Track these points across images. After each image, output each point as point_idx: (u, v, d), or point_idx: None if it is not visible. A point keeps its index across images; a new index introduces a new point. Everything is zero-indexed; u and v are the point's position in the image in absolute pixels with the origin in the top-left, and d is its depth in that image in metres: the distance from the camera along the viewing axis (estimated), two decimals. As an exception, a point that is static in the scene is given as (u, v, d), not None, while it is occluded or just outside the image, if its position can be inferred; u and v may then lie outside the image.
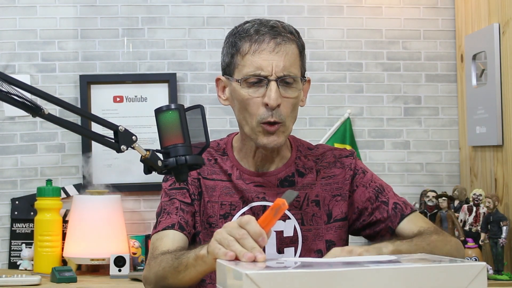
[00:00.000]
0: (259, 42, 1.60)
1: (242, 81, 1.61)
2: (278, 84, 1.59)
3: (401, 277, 1.07)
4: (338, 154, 1.76)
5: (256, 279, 1.02)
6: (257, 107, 1.61)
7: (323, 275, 1.05)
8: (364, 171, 1.74)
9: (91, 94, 3.05)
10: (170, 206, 1.68)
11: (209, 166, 1.72)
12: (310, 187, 1.71)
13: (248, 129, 1.64)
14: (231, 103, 1.69)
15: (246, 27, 1.64)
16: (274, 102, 1.58)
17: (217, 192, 1.70)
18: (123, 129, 1.30)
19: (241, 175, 1.70)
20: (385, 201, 1.70)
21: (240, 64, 1.62)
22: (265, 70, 1.59)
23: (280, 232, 1.67)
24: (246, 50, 1.61)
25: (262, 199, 1.68)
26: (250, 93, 1.61)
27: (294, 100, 1.63)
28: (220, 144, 1.76)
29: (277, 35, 1.61)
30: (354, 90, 3.17)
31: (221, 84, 1.71)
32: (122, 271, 2.72)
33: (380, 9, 3.18)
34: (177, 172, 1.36)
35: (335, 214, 1.71)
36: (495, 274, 2.63)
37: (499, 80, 2.77)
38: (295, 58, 1.63)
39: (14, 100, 1.22)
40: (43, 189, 2.84)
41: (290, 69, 1.61)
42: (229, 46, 1.66)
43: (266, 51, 1.59)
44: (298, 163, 1.73)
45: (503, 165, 2.77)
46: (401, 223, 1.67)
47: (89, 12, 3.08)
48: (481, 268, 1.10)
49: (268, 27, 1.62)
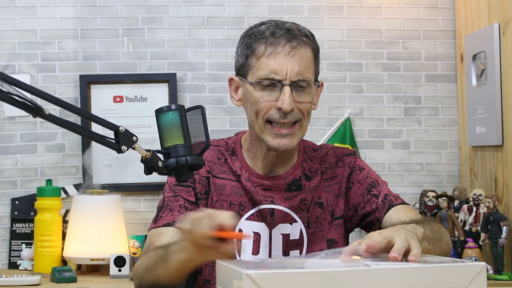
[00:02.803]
0: (275, 45, 1.59)
1: (255, 83, 1.61)
2: (292, 88, 1.59)
3: (401, 277, 1.07)
4: (340, 153, 1.76)
5: (256, 279, 1.02)
6: (267, 109, 1.60)
7: (324, 275, 1.05)
8: (361, 168, 1.74)
9: (91, 94, 3.05)
10: (173, 203, 1.67)
11: (219, 165, 1.71)
12: (315, 190, 1.71)
13: (257, 129, 1.63)
14: (244, 104, 1.68)
15: (262, 28, 1.63)
16: (288, 106, 1.58)
17: (226, 191, 1.69)
18: (123, 130, 1.31)
19: (250, 177, 1.69)
20: (376, 194, 1.69)
21: (254, 66, 1.61)
22: (280, 74, 1.58)
23: (286, 235, 1.67)
24: (261, 53, 1.60)
25: (271, 203, 1.68)
26: (263, 96, 1.60)
27: (307, 104, 1.62)
28: (229, 144, 1.75)
29: (293, 38, 1.60)
30: (354, 90, 3.17)
31: (234, 85, 1.70)
32: (122, 271, 2.72)
33: (380, 9, 3.19)
34: (177, 173, 1.36)
35: (336, 213, 1.71)
36: (495, 274, 2.63)
37: (499, 80, 2.77)
38: (309, 62, 1.62)
39: (15, 100, 1.22)
40: (43, 189, 2.84)
41: (305, 73, 1.60)
42: (244, 47, 1.65)
43: (281, 55, 1.59)
44: (305, 166, 1.72)
45: (503, 165, 2.77)
46: (389, 212, 1.66)
47: (89, 12, 3.08)
48: (480, 268, 1.10)
49: (284, 29, 1.61)
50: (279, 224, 1.67)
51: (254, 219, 1.67)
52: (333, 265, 1.12)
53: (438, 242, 1.49)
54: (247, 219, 1.67)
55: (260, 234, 1.67)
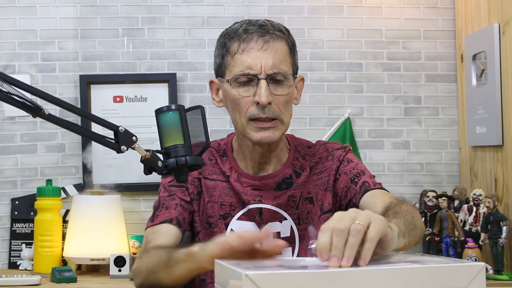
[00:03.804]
0: (248, 41, 1.60)
1: (232, 81, 1.61)
2: (268, 82, 1.59)
3: (400, 277, 1.07)
4: (331, 147, 1.76)
5: (255, 280, 1.02)
6: (247, 106, 1.61)
7: (323, 275, 1.05)
8: (350, 161, 1.72)
9: (91, 94, 3.05)
10: (169, 202, 1.68)
11: (210, 166, 1.72)
12: (304, 185, 1.71)
13: (240, 128, 1.64)
14: (225, 104, 1.70)
15: (235, 27, 1.65)
16: (264, 99, 1.58)
17: (217, 192, 1.70)
18: (123, 130, 1.31)
19: (239, 177, 1.70)
20: (356, 181, 1.68)
21: (230, 64, 1.63)
22: (254, 68, 1.59)
23: (277, 233, 1.67)
24: (235, 50, 1.61)
25: (259, 202, 1.68)
26: (240, 92, 1.61)
27: (286, 97, 1.62)
28: (221, 145, 1.77)
29: (265, 33, 1.61)
30: (354, 90, 3.17)
31: (214, 87, 1.72)
32: (122, 271, 2.72)
33: (380, 9, 3.19)
34: (177, 173, 1.36)
35: (324, 206, 1.70)
36: (495, 274, 2.63)
37: (499, 80, 2.77)
38: (284, 55, 1.63)
39: (14, 100, 1.22)
40: (43, 189, 2.84)
41: (280, 66, 1.61)
42: (220, 47, 1.66)
43: (254, 49, 1.60)
44: (296, 164, 1.72)
45: (503, 165, 2.77)
46: (364, 197, 1.63)
47: (89, 12, 3.08)
48: (479, 268, 1.10)
49: (256, 25, 1.62)
50: (268, 223, 1.68)
51: (245, 219, 1.68)
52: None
53: (413, 232, 1.42)
54: (238, 219, 1.68)
55: None
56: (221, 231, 1.68)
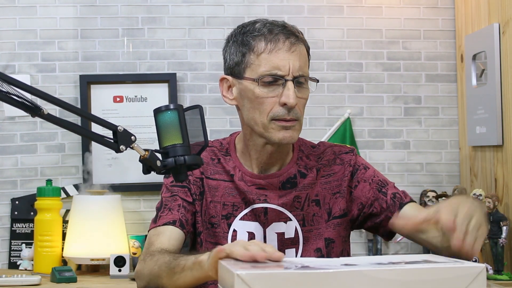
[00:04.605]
0: (275, 41, 1.61)
1: (259, 80, 1.60)
2: (294, 84, 1.60)
3: (400, 278, 1.07)
4: (338, 150, 1.76)
5: (246, 279, 1.02)
6: (271, 106, 1.61)
7: (316, 275, 1.04)
8: (366, 167, 1.75)
9: (91, 94, 3.05)
10: (172, 202, 1.67)
11: (212, 166, 1.71)
12: (310, 187, 1.70)
13: (259, 127, 1.63)
14: (239, 103, 1.68)
15: (257, 26, 1.64)
16: (293, 101, 1.59)
17: (219, 192, 1.69)
18: (122, 129, 1.31)
19: (243, 176, 1.69)
20: (385, 192, 1.71)
21: (254, 63, 1.62)
22: (283, 69, 1.59)
23: (281, 233, 1.67)
24: (262, 49, 1.61)
25: (264, 201, 1.67)
26: (266, 92, 1.61)
27: (306, 100, 1.66)
28: (223, 144, 1.76)
29: (290, 34, 1.63)
30: (354, 90, 3.17)
31: (226, 84, 1.69)
32: (122, 271, 2.72)
33: (380, 9, 3.18)
34: (175, 172, 1.35)
35: (334, 212, 1.70)
36: (495, 274, 2.63)
37: (499, 80, 2.76)
38: (305, 58, 1.66)
39: (14, 100, 1.22)
40: (43, 189, 2.84)
41: (304, 69, 1.63)
42: (239, 45, 1.64)
43: (282, 51, 1.60)
44: (300, 164, 1.72)
45: (503, 165, 2.77)
46: (403, 209, 1.68)
47: (89, 12, 3.08)
48: (480, 269, 1.09)
49: (280, 26, 1.63)
50: (273, 223, 1.67)
51: (248, 219, 1.67)
52: (328, 266, 1.12)
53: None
54: (241, 219, 1.67)
55: (254, 234, 1.66)
56: (224, 232, 1.67)
